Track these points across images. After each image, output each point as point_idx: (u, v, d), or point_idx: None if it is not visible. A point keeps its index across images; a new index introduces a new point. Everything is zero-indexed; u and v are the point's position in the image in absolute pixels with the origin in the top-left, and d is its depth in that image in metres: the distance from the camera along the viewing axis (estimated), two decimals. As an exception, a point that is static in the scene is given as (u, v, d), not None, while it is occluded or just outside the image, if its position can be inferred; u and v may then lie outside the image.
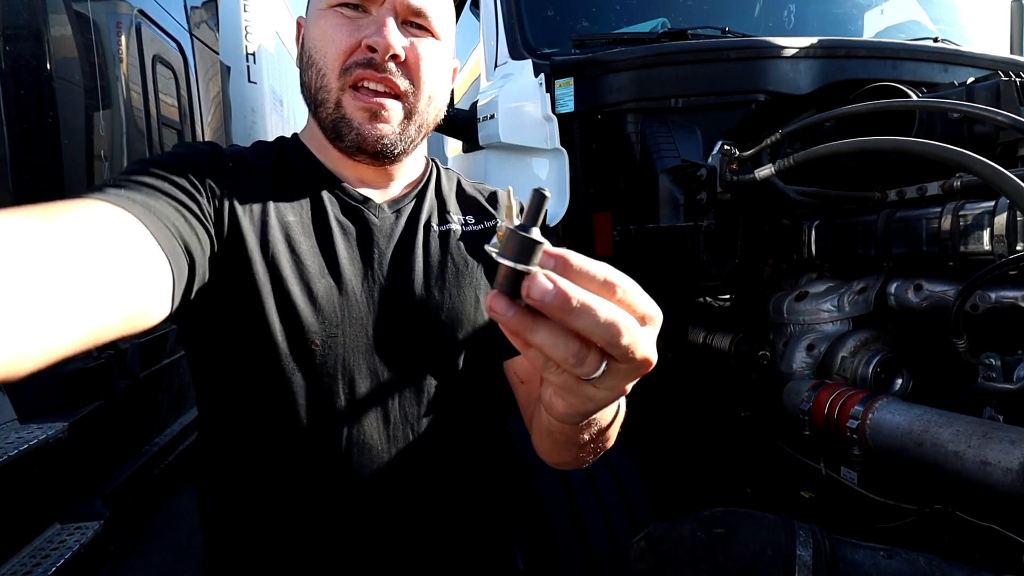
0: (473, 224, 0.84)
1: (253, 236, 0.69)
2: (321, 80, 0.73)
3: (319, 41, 0.72)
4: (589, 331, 0.35)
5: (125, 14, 2.81)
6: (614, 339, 0.35)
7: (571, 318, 0.34)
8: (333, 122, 0.73)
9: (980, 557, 0.95)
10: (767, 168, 1.24)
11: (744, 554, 0.80)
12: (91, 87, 2.46)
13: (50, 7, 2.24)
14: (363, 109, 0.72)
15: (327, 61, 0.72)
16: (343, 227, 0.76)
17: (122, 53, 2.73)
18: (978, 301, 1.00)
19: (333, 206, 0.76)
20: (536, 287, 0.34)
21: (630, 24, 2.01)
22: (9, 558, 1.81)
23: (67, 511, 2.13)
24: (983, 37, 2.24)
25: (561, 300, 0.33)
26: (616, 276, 0.37)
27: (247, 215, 0.70)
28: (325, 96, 0.73)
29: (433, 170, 0.88)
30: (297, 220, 0.73)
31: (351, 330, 0.72)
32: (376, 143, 0.73)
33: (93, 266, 0.46)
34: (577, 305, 0.34)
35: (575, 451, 0.63)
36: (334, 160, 0.79)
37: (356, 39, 0.71)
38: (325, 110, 0.74)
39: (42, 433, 1.97)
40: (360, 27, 0.71)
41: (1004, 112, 1.05)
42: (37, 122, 2.19)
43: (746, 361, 1.44)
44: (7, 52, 2.11)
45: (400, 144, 0.75)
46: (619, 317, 0.35)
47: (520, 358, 0.79)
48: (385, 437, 0.73)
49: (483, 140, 1.93)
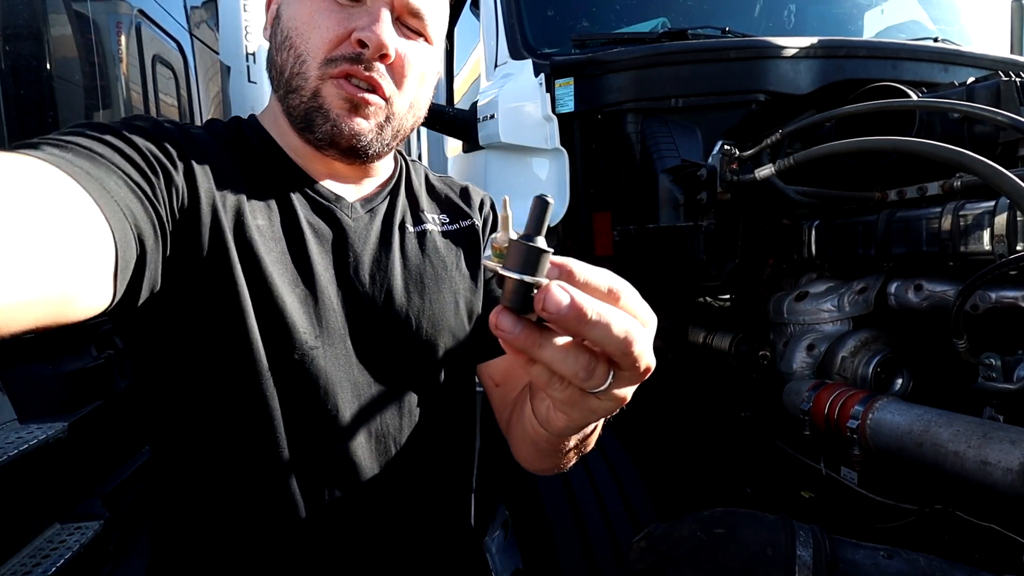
0: (448, 223, 0.80)
1: (218, 239, 0.61)
2: (299, 66, 0.65)
3: (302, 24, 0.64)
4: (604, 342, 0.34)
5: (125, 14, 2.81)
6: (627, 349, 0.34)
7: (586, 329, 0.33)
8: (307, 111, 0.65)
9: (980, 557, 0.95)
10: (767, 168, 1.24)
11: (744, 554, 0.80)
12: (91, 87, 2.46)
13: (50, 7, 2.24)
14: (345, 100, 0.64)
15: (309, 48, 0.64)
16: (315, 229, 0.69)
17: (122, 53, 2.73)
18: (978, 301, 1.00)
19: (303, 206, 0.69)
20: (551, 300, 0.32)
21: (630, 24, 2.01)
22: (9, 558, 1.81)
23: (67, 511, 2.13)
24: (983, 37, 2.24)
25: (577, 312, 0.32)
26: (618, 283, 0.36)
27: (210, 212, 0.61)
28: (301, 83, 0.65)
29: (403, 165, 0.82)
30: (266, 223, 0.65)
31: (329, 341, 0.66)
32: (351, 138, 0.66)
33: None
34: (594, 317, 0.33)
35: (558, 459, 0.62)
36: (298, 151, 0.71)
37: (345, 29, 0.63)
38: (299, 97, 0.66)
39: (42, 433, 1.97)
40: (351, 16, 0.64)
41: (1004, 112, 1.05)
42: (37, 122, 2.19)
43: (746, 361, 1.45)
44: (7, 52, 2.11)
45: (375, 146, 0.68)
46: (631, 326, 0.34)
47: (495, 361, 0.78)
48: (369, 450, 0.69)
49: (483, 140, 1.93)
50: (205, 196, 0.61)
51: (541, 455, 0.64)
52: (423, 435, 0.74)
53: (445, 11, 0.75)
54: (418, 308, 0.72)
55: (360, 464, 0.68)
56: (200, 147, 0.64)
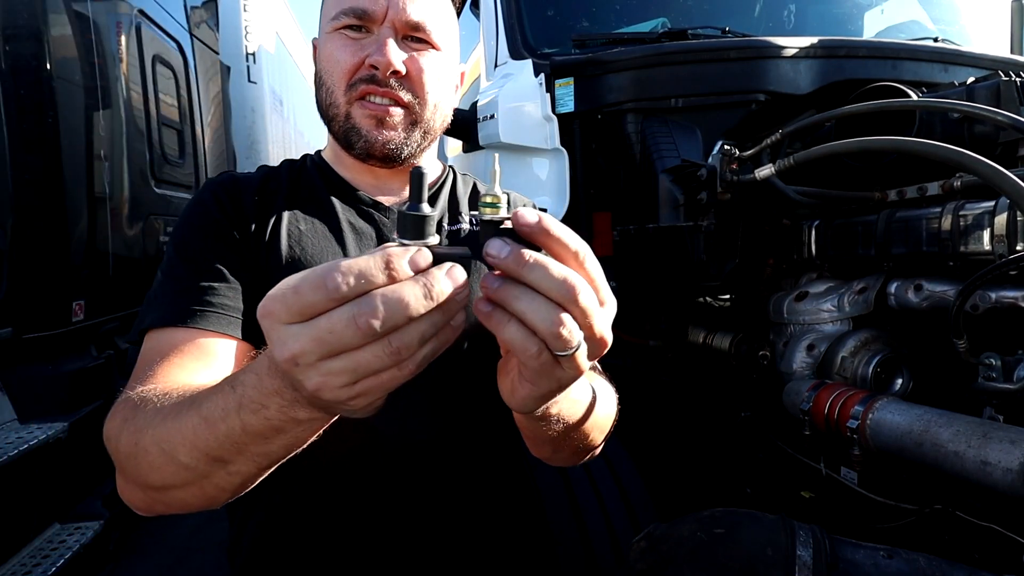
0: None
1: (269, 253, 0.75)
2: (330, 97, 0.79)
3: (326, 62, 0.78)
4: (545, 286, 0.39)
5: (125, 14, 2.81)
6: (571, 295, 0.39)
7: (524, 271, 0.38)
8: (344, 132, 0.79)
9: (980, 557, 0.95)
10: (767, 168, 1.24)
11: (744, 554, 0.80)
12: (91, 87, 2.46)
13: (50, 7, 2.24)
14: (370, 116, 0.77)
15: (334, 80, 0.78)
16: (356, 230, 0.80)
17: (122, 53, 2.73)
18: (978, 301, 1.00)
19: (346, 212, 0.81)
20: (494, 245, 0.39)
21: (630, 24, 2.02)
22: (9, 558, 1.81)
23: (67, 511, 2.13)
24: (983, 37, 2.24)
25: (516, 257, 0.38)
26: (588, 254, 0.41)
27: (267, 236, 0.76)
28: (335, 112, 0.79)
29: (449, 175, 0.93)
30: (309, 229, 0.78)
31: None
32: (383, 147, 0.78)
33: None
34: (530, 260, 0.39)
35: (549, 446, 0.64)
36: (350, 169, 0.85)
37: (359, 58, 0.76)
38: (337, 123, 0.79)
39: (42, 433, 1.97)
40: (363, 47, 0.76)
41: (1004, 112, 1.05)
42: (37, 122, 2.20)
43: (746, 361, 1.44)
44: (7, 52, 2.11)
45: (406, 147, 0.79)
46: (574, 277, 0.39)
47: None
48: (400, 445, 0.74)
49: (483, 140, 1.93)
50: (261, 225, 0.77)
51: (533, 442, 0.65)
52: (459, 430, 0.78)
53: (448, 15, 0.83)
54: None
55: (390, 457, 0.74)
56: (263, 186, 0.81)
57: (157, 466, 0.52)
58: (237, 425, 0.46)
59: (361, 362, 0.38)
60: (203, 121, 3.74)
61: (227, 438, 0.47)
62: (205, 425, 0.48)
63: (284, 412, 0.44)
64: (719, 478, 1.49)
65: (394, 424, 0.74)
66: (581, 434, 0.62)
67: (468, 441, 0.80)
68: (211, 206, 0.76)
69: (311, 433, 0.48)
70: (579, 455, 0.68)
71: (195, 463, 0.50)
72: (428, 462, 0.76)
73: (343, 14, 0.76)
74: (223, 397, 0.48)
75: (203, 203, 0.77)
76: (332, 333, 0.37)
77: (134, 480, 0.56)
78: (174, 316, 0.67)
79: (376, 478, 0.75)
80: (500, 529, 0.83)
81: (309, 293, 0.37)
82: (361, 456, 0.74)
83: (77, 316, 2.38)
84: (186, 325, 0.67)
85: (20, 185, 2.12)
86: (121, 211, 2.71)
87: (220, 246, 0.74)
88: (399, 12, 0.76)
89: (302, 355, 0.38)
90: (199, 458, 0.49)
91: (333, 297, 0.37)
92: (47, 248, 2.26)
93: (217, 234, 0.74)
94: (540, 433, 0.58)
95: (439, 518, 0.77)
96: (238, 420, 0.46)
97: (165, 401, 0.54)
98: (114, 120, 2.64)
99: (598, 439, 0.67)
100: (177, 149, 3.37)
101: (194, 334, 0.66)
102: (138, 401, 0.57)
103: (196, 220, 0.76)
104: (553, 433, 0.58)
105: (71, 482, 2.16)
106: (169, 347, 0.65)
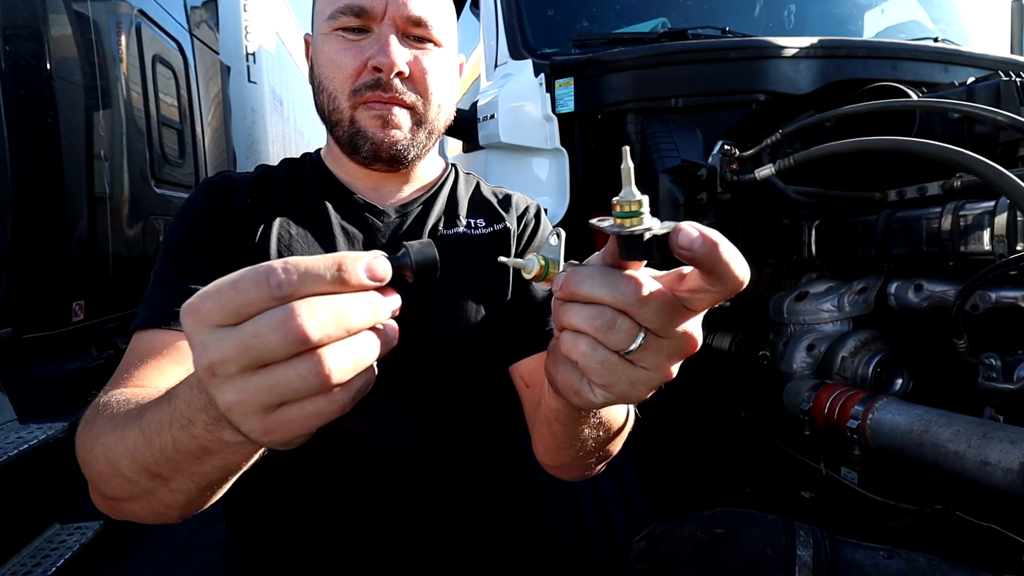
0: (483, 227, 0.84)
1: (258, 256, 0.73)
2: (333, 103, 0.76)
3: (326, 66, 0.76)
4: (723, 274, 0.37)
5: (125, 14, 2.81)
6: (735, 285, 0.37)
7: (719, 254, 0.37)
8: (349, 137, 0.77)
9: (980, 557, 0.95)
10: (767, 168, 1.24)
11: (744, 554, 0.80)
12: (91, 87, 2.46)
13: (50, 7, 2.24)
14: (375, 117, 0.75)
15: (336, 85, 0.75)
16: (347, 233, 0.78)
17: (122, 53, 2.73)
18: (978, 301, 1.00)
19: (339, 215, 0.79)
20: (685, 236, 0.36)
21: (630, 24, 2.01)
22: (9, 558, 1.81)
23: (67, 511, 2.13)
24: (983, 37, 2.24)
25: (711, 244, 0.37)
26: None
27: (256, 238, 0.75)
28: (339, 117, 0.77)
29: (451, 174, 0.90)
30: (300, 232, 0.76)
31: None
32: (390, 148, 0.76)
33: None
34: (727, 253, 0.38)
35: (574, 450, 0.60)
36: (348, 171, 0.83)
37: (361, 60, 0.73)
38: (340, 129, 0.77)
39: (42, 433, 1.97)
40: (363, 48, 0.73)
41: (1004, 112, 1.04)
42: (37, 122, 2.19)
43: (746, 361, 1.44)
44: (7, 52, 2.11)
45: (413, 149, 0.78)
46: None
47: (526, 361, 0.78)
48: (389, 448, 0.73)
49: (483, 140, 1.93)
50: (251, 227, 0.75)
51: (556, 442, 0.62)
52: (451, 432, 0.77)
53: (448, 8, 0.80)
54: (439, 305, 0.76)
55: (381, 456, 0.73)
56: (257, 187, 0.79)
57: (106, 476, 0.49)
58: (169, 441, 0.42)
59: (281, 380, 0.33)
60: (203, 121, 3.74)
61: (161, 454, 0.43)
62: (143, 438, 0.44)
63: (210, 431, 0.39)
64: (719, 478, 1.49)
65: (388, 430, 0.74)
66: (610, 440, 0.62)
67: (463, 446, 0.79)
68: (202, 207, 0.75)
69: (244, 458, 0.43)
70: (596, 464, 0.67)
71: (136, 477, 0.46)
72: (423, 468, 0.76)
73: (340, 13, 0.73)
74: (160, 409, 0.43)
75: (195, 204, 0.76)
76: (257, 338, 0.32)
77: (92, 486, 0.53)
78: (157, 318, 0.67)
79: (370, 484, 0.74)
80: (501, 531, 0.83)
81: (251, 288, 0.33)
82: (355, 462, 0.73)
83: (77, 316, 2.38)
84: (168, 327, 0.66)
85: (20, 185, 2.12)
86: (121, 211, 2.71)
87: (208, 248, 0.73)
88: (399, 8, 0.73)
89: (221, 363, 0.33)
90: (140, 472, 0.46)
91: (273, 295, 0.33)
92: (47, 248, 2.26)
93: (206, 236, 0.73)
94: (575, 431, 0.56)
95: (436, 522, 0.76)
96: (169, 436, 0.42)
97: (121, 408, 0.51)
98: (114, 120, 2.64)
99: (615, 449, 0.66)
100: (177, 149, 3.37)
101: (175, 336, 0.65)
102: (101, 407, 0.54)
103: (187, 221, 0.75)
104: (586, 433, 0.57)
105: (71, 482, 2.16)
106: (149, 349, 0.64)
